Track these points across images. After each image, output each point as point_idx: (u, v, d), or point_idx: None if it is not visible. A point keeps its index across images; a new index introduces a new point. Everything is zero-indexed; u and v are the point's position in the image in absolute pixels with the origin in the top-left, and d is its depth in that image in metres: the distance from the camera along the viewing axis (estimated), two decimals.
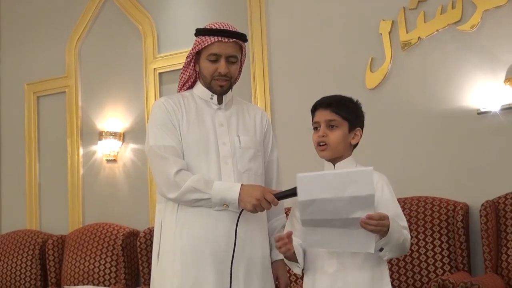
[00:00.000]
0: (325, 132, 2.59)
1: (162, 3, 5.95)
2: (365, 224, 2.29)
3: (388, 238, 2.38)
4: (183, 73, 2.99)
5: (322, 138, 2.59)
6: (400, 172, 4.57)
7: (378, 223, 2.31)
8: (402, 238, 2.44)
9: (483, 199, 4.28)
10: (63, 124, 6.28)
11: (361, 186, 2.27)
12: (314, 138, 2.64)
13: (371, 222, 2.29)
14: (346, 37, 5.04)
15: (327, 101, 2.64)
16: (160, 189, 2.80)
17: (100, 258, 5.51)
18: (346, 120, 2.60)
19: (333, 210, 2.31)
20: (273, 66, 5.34)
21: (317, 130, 2.63)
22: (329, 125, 2.60)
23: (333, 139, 2.58)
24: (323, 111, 2.61)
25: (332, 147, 2.59)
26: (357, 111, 2.68)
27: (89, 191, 6.13)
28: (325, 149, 2.59)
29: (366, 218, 2.29)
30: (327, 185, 2.31)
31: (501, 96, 4.41)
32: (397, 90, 4.82)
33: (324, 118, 2.60)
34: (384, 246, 2.41)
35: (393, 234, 2.38)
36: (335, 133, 2.59)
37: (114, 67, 6.12)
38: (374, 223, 2.30)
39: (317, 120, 2.63)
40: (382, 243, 2.39)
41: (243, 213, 2.68)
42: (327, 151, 2.60)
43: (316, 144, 2.62)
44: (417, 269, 4.30)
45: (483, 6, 4.52)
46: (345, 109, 2.62)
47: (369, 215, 2.29)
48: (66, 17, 6.36)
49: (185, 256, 2.74)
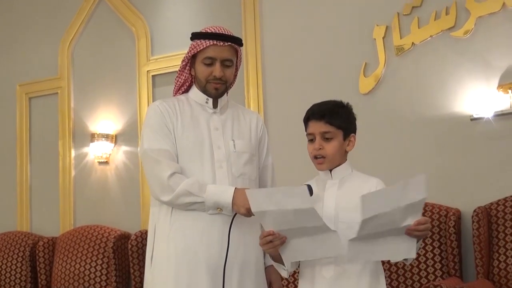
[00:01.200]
0: (321, 144, 2.56)
1: (156, 5, 5.94)
2: (413, 231, 2.27)
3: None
4: (179, 76, 2.98)
5: (319, 151, 2.57)
6: (393, 178, 4.48)
7: (426, 227, 2.29)
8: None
9: (475, 205, 4.29)
10: (55, 125, 6.26)
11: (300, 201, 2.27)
12: (309, 150, 2.61)
13: (420, 228, 2.27)
14: (339, 41, 5.05)
15: (320, 111, 2.59)
16: (154, 193, 2.79)
17: (91, 261, 5.49)
18: (341, 129, 2.58)
19: (291, 220, 2.31)
20: (267, 70, 5.34)
21: (312, 142, 2.60)
22: (324, 137, 2.57)
23: (329, 151, 2.56)
24: (317, 123, 2.57)
25: (330, 159, 2.57)
26: (349, 117, 2.65)
27: (81, 193, 6.11)
28: (323, 162, 2.57)
29: (415, 225, 2.26)
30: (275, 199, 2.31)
31: (494, 103, 4.42)
32: (390, 95, 4.82)
33: (318, 130, 2.57)
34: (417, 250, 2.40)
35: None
36: (331, 144, 2.56)
37: (107, 69, 6.11)
38: (422, 228, 2.27)
39: (312, 132, 2.59)
40: (418, 246, 2.38)
41: (236, 217, 2.67)
42: (325, 164, 2.57)
43: (312, 157, 2.61)
44: (409, 274, 4.30)
45: (476, 12, 4.53)
46: (338, 118, 2.58)
47: (417, 221, 2.27)
48: (59, 18, 6.35)
49: (179, 260, 2.74)
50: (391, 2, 4.85)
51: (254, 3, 5.40)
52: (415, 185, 2.27)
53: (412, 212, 2.27)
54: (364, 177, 2.63)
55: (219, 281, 2.68)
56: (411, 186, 2.27)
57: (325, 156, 2.56)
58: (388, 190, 2.34)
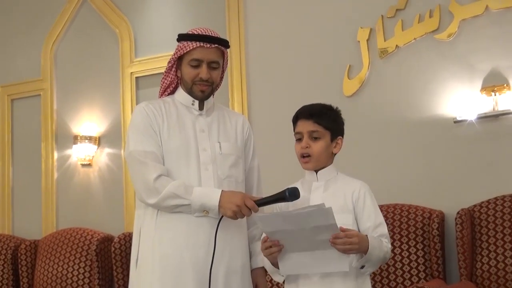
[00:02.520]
0: (308, 143, 2.59)
1: (139, 7, 5.92)
2: (333, 244, 2.33)
3: (368, 256, 2.41)
4: (165, 78, 2.97)
5: (306, 149, 2.58)
6: (376, 180, 4.54)
7: (346, 241, 2.33)
8: (383, 253, 2.47)
9: (459, 207, 4.30)
10: (37, 127, 6.22)
11: (323, 220, 2.30)
12: (297, 149, 2.63)
13: (338, 241, 2.32)
14: (324, 44, 5.05)
15: (309, 111, 2.63)
16: (140, 195, 2.77)
17: (74, 264, 5.46)
18: (328, 130, 2.61)
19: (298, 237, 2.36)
20: (251, 72, 5.34)
21: (299, 141, 2.62)
22: (312, 136, 2.59)
23: (316, 150, 2.58)
24: (305, 122, 2.61)
25: (315, 159, 2.59)
26: (337, 119, 2.69)
27: (63, 196, 6.07)
28: (309, 161, 2.60)
29: (333, 238, 2.32)
30: (287, 222, 2.35)
31: (478, 105, 4.45)
32: (374, 98, 4.84)
33: (306, 129, 2.60)
34: (365, 264, 2.44)
35: (373, 252, 2.41)
36: (318, 144, 2.59)
37: (90, 70, 6.07)
38: (341, 242, 2.32)
39: (300, 131, 2.62)
40: (363, 261, 2.42)
41: (223, 220, 2.66)
42: (311, 163, 2.61)
43: (299, 155, 2.62)
44: (392, 276, 4.31)
45: (460, 15, 4.56)
46: (327, 119, 2.62)
47: (334, 234, 2.32)
48: (42, 19, 6.31)
49: (164, 262, 2.72)
50: (375, 5, 4.87)
51: (239, 5, 5.40)
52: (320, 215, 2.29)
53: (327, 230, 2.32)
54: (349, 179, 2.66)
55: (205, 284, 2.66)
56: (315, 214, 2.29)
57: (311, 155, 2.58)
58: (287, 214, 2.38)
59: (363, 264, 2.42)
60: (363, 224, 2.53)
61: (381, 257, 2.47)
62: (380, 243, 2.46)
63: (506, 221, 4.15)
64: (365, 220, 2.53)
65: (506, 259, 4.06)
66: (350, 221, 2.51)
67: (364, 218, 2.54)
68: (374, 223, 2.53)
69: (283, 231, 2.37)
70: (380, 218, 2.57)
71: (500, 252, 4.09)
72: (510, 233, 4.11)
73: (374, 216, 2.55)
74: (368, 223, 2.53)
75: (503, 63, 4.43)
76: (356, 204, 2.56)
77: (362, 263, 2.41)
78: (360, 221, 2.55)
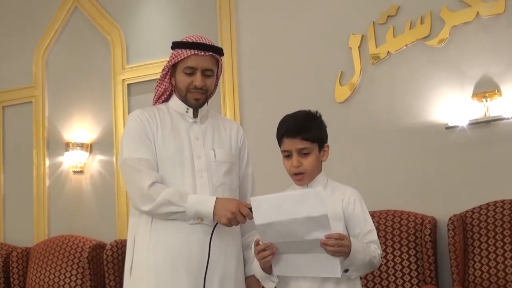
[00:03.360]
0: (299, 161, 2.56)
1: (131, 14, 5.92)
2: (324, 245, 2.29)
3: (351, 259, 2.37)
4: (159, 86, 2.97)
5: (298, 168, 2.58)
6: (368, 186, 4.58)
7: (337, 243, 2.30)
8: (368, 257, 2.44)
9: (451, 213, 4.32)
10: (29, 134, 6.20)
11: (314, 207, 2.27)
12: (287, 166, 2.61)
13: (329, 242, 2.29)
14: (316, 50, 5.07)
15: (294, 128, 2.57)
16: (134, 202, 2.76)
17: (66, 271, 5.43)
18: (316, 142, 2.59)
19: (289, 232, 2.32)
20: (243, 79, 5.35)
21: (288, 158, 2.59)
22: (302, 153, 2.57)
23: (308, 167, 2.56)
24: (292, 140, 2.56)
25: (308, 174, 2.58)
26: (322, 127, 2.65)
27: (55, 203, 6.05)
28: (302, 178, 2.58)
29: (325, 238, 2.29)
30: (281, 207, 2.32)
31: (469, 111, 4.47)
32: (366, 104, 4.85)
33: (295, 147, 2.56)
34: (349, 267, 2.41)
35: (356, 255, 2.37)
36: (308, 159, 2.57)
37: (82, 77, 6.07)
38: (333, 243, 2.29)
39: (288, 149, 2.59)
40: (346, 264, 2.39)
41: (217, 227, 2.66)
42: (305, 180, 2.59)
43: (291, 174, 2.61)
44: (385, 282, 4.32)
45: (451, 22, 4.59)
46: (313, 131, 2.58)
47: (328, 234, 2.29)
48: (33, 26, 6.30)
49: (159, 270, 2.71)
50: (367, 11, 4.89)
51: (230, 12, 5.41)
52: (312, 198, 2.27)
53: (318, 227, 2.29)
54: (339, 186, 2.65)
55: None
56: (309, 197, 2.28)
57: (304, 172, 2.57)
58: (277, 196, 2.37)
59: (347, 267, 2.40)
60: (353, 231, 2.52)
61: (367, 262, 2.43)
62: (366, 247, 2.44)
63: (498, 226, 4.17)
64: (355, 226, 2.52)
65: (498, 265, 4.07)
66: (341, 228, 2.49)
67: (354, 225, 2.52)
68: (364, 230, 2.51)
69: (274, 226, 2.33)
70: (370, 225, 2.55)
71: (492, 257, 4.11)
72: (502, 239, 4.13)
73: (364, 223, 2.53)
74: (358, 229, 2.51)
75: (494, 69, 4.45)
76: (346, 210, 2.54)
77: (346, 266, 2.39)
78: (350, 228, 2.53)
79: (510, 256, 4.06)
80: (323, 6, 5.09)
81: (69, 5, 6.15)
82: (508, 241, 4.11)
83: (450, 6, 4.61)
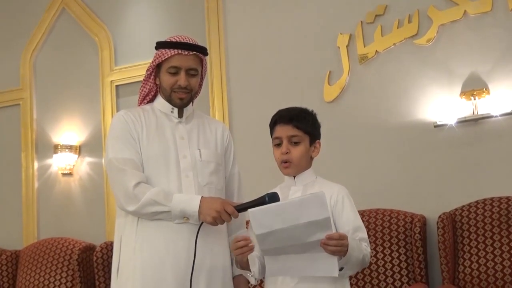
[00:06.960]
0: (288, 148, 2.58)
1: (119, 16, 5.90)
2: (325, 245, 2.27)
3: (347, 257, 2.36)
4: (143, 86, 2.97)
5: (286, 155, 2.57)
6: (358, 185, 4.58)
7: (338, 243, 2.29)
8: (361, 255, 2.44)
9: (440, 211, 4.32)
10: (17, 137, 6.17)
11: (315, 211, 2.25)
12: (276, 154, 2.62)
13: (330, 243, 2.27)
14: (304, 50, 5.07)
15: (288, 115, 2.61)
16: (119, 202, 2.75)
17: (56, 274, 5.41)
18: (308, 134, 2.60)
19: (291, 237, 2.30)
20: (231, 79, 5.34)
21: (278, 146, 2.61)
22: (292, 141, 2.58)
23: (296, 156, 2.57)
24: (285, 126, 2.60)
25: (296, 164, 2.59)
26: (315, 123, 2.68)
27: (44, 205, 6.02)
28: (289, 166, 2.59)
29: (326, 239, 2.27)
30: (281, 215, 2.30)
31: (457, 109, 4.48)
32: (354, 103, 4.85)
33: (286, 134, 2.58)
34: (344, 266, 2.39)
35: (352, 253, 2.36)
36: (297, 149, 2.58)
37: (70, 79, 6.05)
38: (334, 243, 2.28)
39: (279, 136, 2.61)
40: (342, 262, 2.38)
41: (203, 226, 2.65)
42: (291, 169, 2.60)
43: (279, 161, 2.61)
44: (375, 281, 4.32)
45: (439, 20, 4.59)
46: (306, 122, 2.61)
47: (328, 235, 2.27)
48: (21, 28, 6.27)
49: (145, 270, 2.71)
50: (355, 11, 4.89)
51: (218, 13, 5.40)
52: (313, 204, 2.25)
53: (320, 229, 2.27)
54: (327, 183, 2.65)
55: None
56: (309, 203, 2.26)
57: (291, 161, 2.57)
58: (276, 206, 2.34)
59: (343, 265, 2.40)
60: (341, 228, 2.50)
61: (360, 260, 2.43)
62: (359, 244, 2.44)
63: (487, 224, 4.17)
64: (343, 224, 2.51)
65: (487, 262, 4.08)
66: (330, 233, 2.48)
67: (343, 222, 2.52)
68: (353, 227, 2.50)
69: (275, 234, 2.31)
70: (359, 222, 2.55)
71: (482, 255, 4.11)
72: (491, 236, 4.14)
73: (353, 220, 2.53)
74: (347, 227, 2.50)
75: (482, 68, 4.46)
76: (335, 208, 2.54)
77: (341, 264, 2.38)
78: (338, 225, 2.52)
79: (499, 253, 4.08)
80: (311, 6, 5.08)
81: (56, 7, 6.13)
82: (497, 238, 4.12)
83: (437, 4, 4.61)
